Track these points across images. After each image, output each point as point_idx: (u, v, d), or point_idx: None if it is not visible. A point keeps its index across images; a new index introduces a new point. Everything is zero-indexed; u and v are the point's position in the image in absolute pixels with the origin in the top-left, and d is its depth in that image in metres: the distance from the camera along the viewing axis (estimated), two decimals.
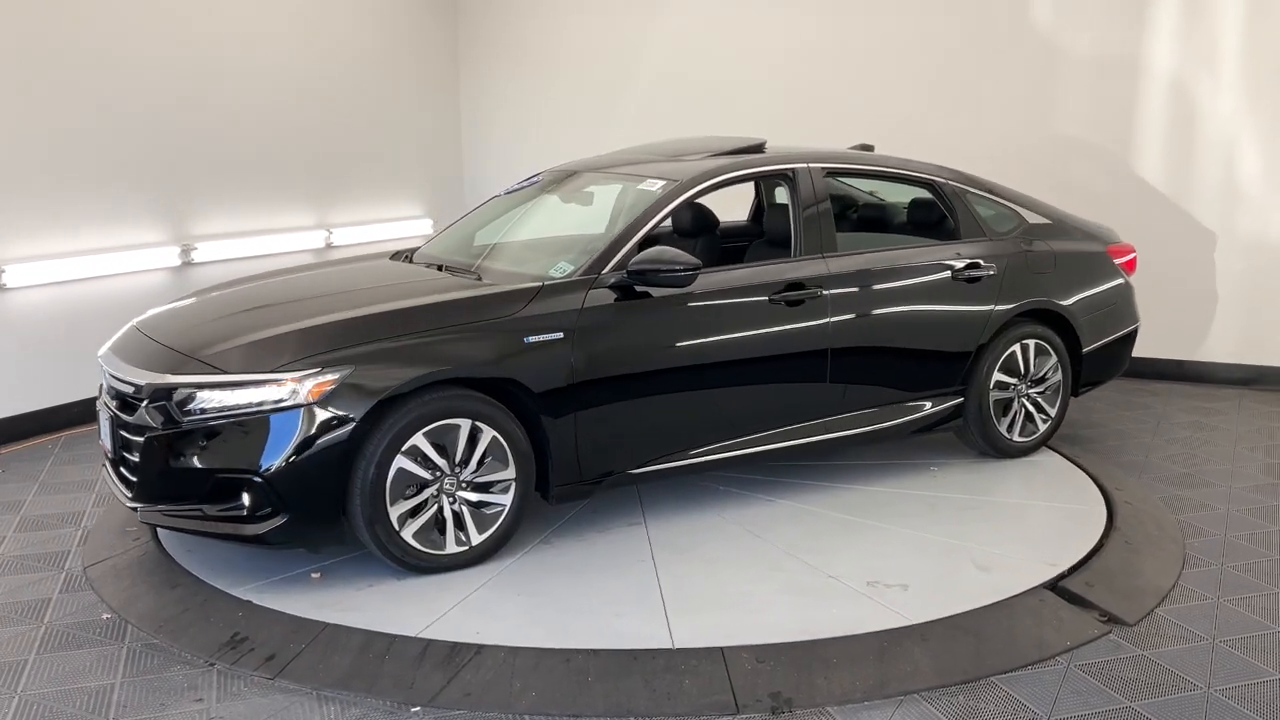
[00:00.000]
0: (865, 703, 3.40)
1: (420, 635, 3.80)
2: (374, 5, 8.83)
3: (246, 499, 3.99)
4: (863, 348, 5.13)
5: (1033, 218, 5.79)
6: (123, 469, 4.32)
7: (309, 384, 3.97)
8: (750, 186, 6.50)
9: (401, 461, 4.09)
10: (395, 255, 5.55)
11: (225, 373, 4.04)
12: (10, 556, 4.65)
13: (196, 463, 4.03)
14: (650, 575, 4.31)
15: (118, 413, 4.32)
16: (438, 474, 4.20)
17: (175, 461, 4.06)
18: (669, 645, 3.71)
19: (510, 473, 4.32)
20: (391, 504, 4.10)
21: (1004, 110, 7.70)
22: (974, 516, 4.90)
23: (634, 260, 4.50)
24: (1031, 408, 5.65)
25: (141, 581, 4.35)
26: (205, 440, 4.02)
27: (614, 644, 3.72)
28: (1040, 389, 5.65)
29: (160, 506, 4.16)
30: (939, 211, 5.65)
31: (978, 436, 5.58)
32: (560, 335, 4.35)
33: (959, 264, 5.39)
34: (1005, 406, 5.58)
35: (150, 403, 4.12)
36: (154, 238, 7.05)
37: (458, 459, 4.22)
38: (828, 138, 7.20)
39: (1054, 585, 4.15)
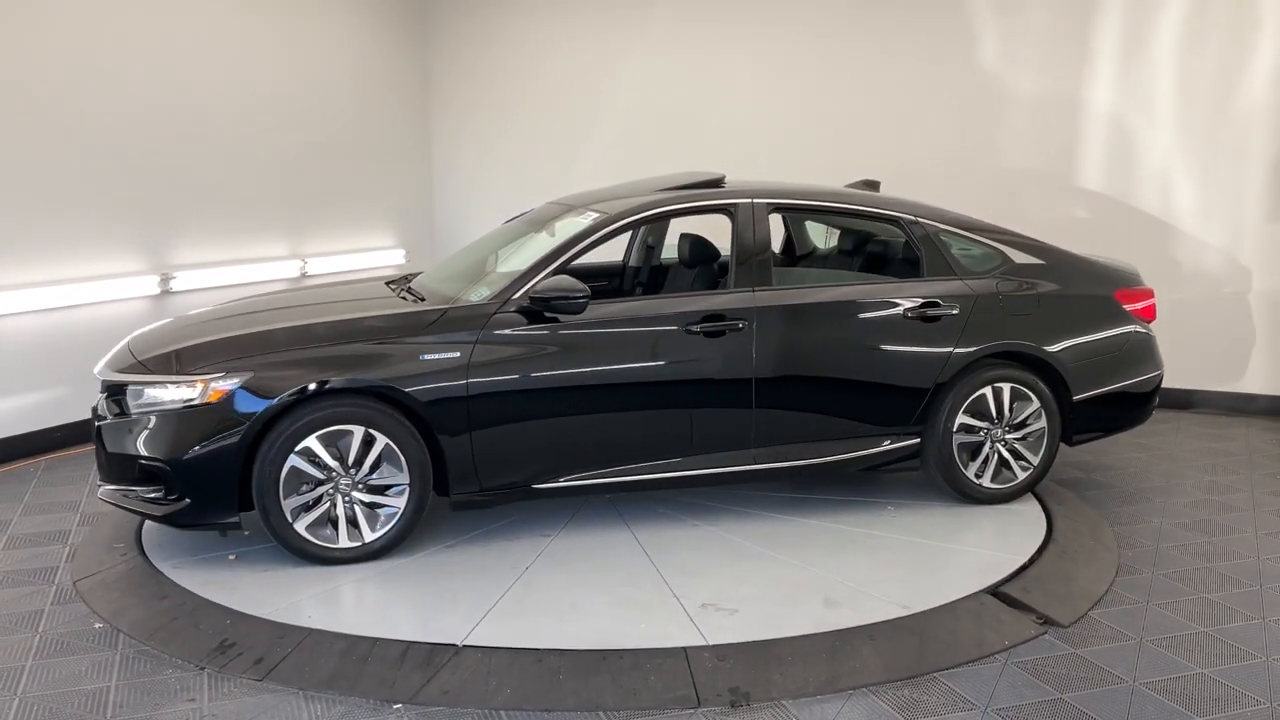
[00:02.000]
0: (817, 696, 3.66)
1: (266, 617, 4.24)
2: (346, 41, 9.11)
3: (161, 483, 4.57)
4: (793, 383, 5.14)
5: (1021, 258, 5.59)
6: None
7: (213, 386, 4.53)
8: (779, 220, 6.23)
9: (295, 461, 4.57)
10: (391, 281, 5.89)
11: (151, 373, 4.67)
12: (1, 572, 4.83)
13: (127, 449, 4.64)
14: (508, 583, 4.58)
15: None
16: (331, 474, 4.64)
17: (114, 447, 4.69)
18: (456, 642, 4.00)
19: (404, 478, 4.71)
20: (285, 498, 4.59)
21: (956, 143, 8.07)
22: (880, 556, 4.84)
23: (535, 288, 4.86)
24: (1008, 454, 5.43)
25: (130, 594, 4.54)
26: (133, 431, 4.62)
27: (413, 636, 4.06)
28: (1019, 435, 5.43)
29: (110, 486, 4.77)
30: (906, 249, 5.61)
31: (941, 480, 5.44)
32: (457, 354, 4.74)
33: (913, 302, 5.30)
34: (975, 450, 5.43)
35: (108, 396, 4.79)
36: (134, 266, 7.25)
37: (351, 462, 4.65)
38: (800, 171, 7.53)
39: (995, 590, 4.43)
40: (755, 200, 5.31)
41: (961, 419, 5.35)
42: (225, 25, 7.85)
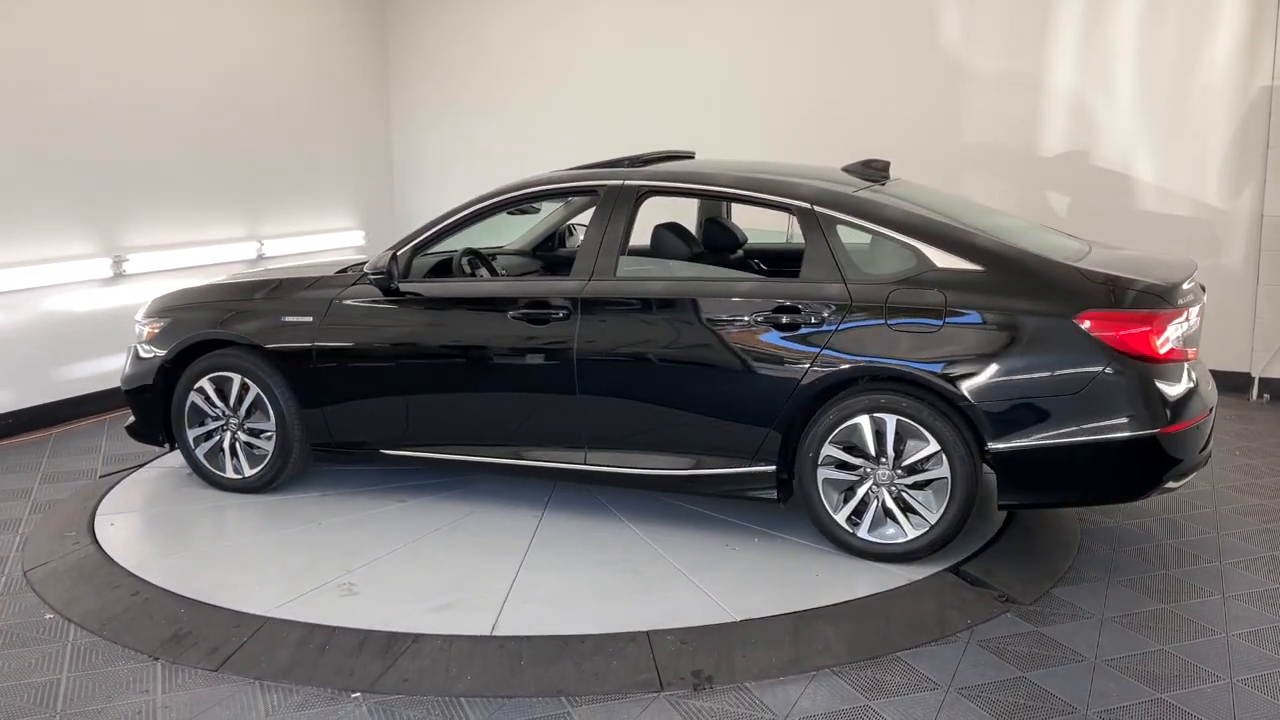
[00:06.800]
0: (780, 678, 3.65)
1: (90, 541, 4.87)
2: (303, 17, 8.94)
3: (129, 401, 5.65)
4: (620, 384, 4.76)
5: (949, 261, 4.43)
6: None
7: (146, 328, 5.54)
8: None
9: (194, 397, 5.39)
10: None
11: (137, 317, 5.72)
12: None
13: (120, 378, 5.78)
14: (268, 536, 4.95)
15: None
16: (220, 413, 5.36)
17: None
18: (133, 570, 4.49)
19: (270, 425, 5.28)
20: (189, 428, 5.43)
21: (917, 121, 8.06)
22: (596, 576, 4.43)
23: (368, 265, 5.18)
24: (894, 504, 4.44)
25: (82, 583, 4.45)
26: (125, 361, 5.71)
27: (127, 565, 4.58)
28: (910, 482, 4.41)
29: None
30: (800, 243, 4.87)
31: (810, 520, 4.64)
32: (310, 319, 5.20)
33: (768, 305, 4.56)
34: (851, 490, 4.52)
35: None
36: (85, 250, 7.10)
37: (231, 405, 5.33)
38: (752, 147, 7.49)
39: (956, 569, 4.43)
40: (625, 183, 4.94)
41: (828, 450, 4.48)
42: (180, 2, 7.68)
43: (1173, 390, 4.29)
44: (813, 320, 4.47)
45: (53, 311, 6.84)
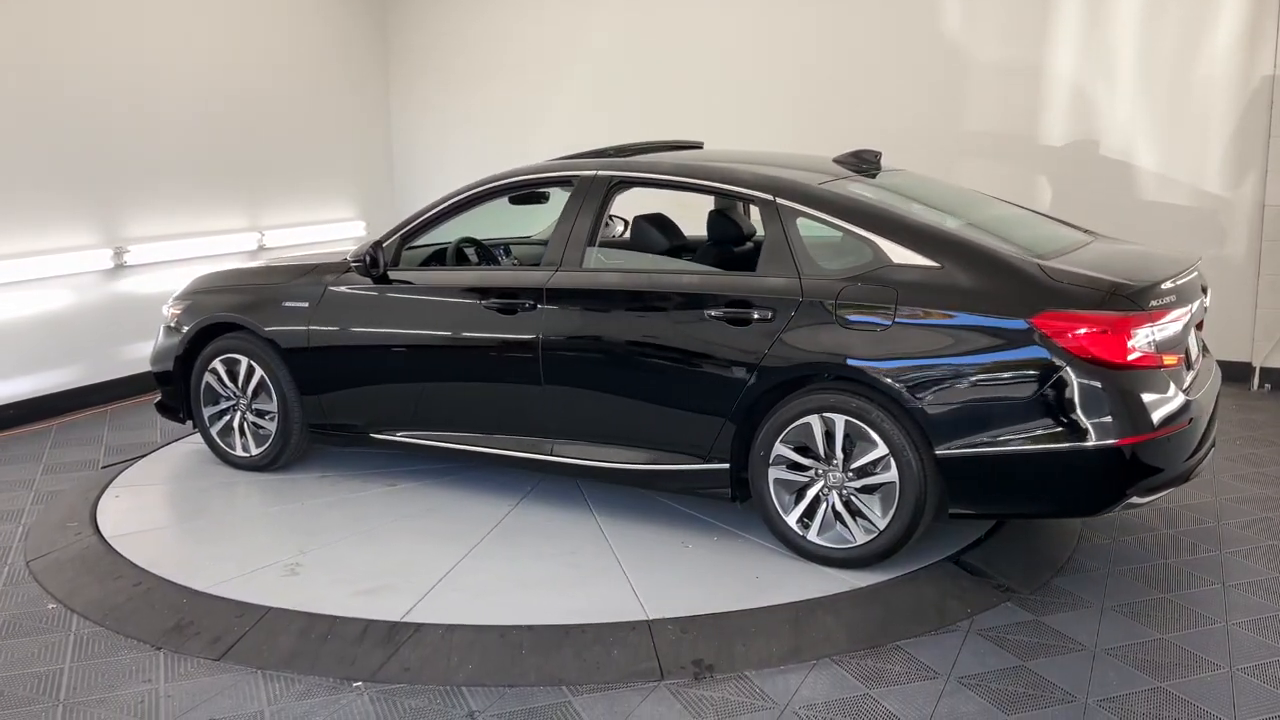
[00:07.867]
0: (781, 667, 3.66)
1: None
2: (306, 9, 8.94)
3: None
4: (581, 375, 4.75)
5: (905, 256, 4.22)
6: None
7: (171, 310, 5.77)
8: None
9: (208, 378, 5.60)
10: None
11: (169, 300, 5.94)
12: None
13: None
14: (264, 514, 5.13)
15: None
16: (231, 393, 5.57)
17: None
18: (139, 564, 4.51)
19: (273, 407, 5.46)
20: (205, 407, 5.66)
21: (921, 110, 8.05)
22: (513, 568, 4.41)
23: (351, 254, 5.42)
24: (843, 508, 4.28)
25: (84, 573, 4.47)
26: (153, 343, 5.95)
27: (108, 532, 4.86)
28: (859, 485, 4.25)
29: None
30: (754, 234, 4.88)
31: (763, 521, 4.52)
32: (305, 305, 5.34)
33: (722, 300, 4.45)
34: (802, 491, 4.38)
35: None
36: (86, 241, 7.10)
37: (240, 387, 5.53)
38: (762, 137, 7.49)
39: (957, 559, 4.44)
40: (597, 173, 4.89)
41: (779, 449, 4.35)
42: None
43: (1142, 397, 3.97)
44: (767, 316, 4.33)
45: (54, 303, 6.84)
